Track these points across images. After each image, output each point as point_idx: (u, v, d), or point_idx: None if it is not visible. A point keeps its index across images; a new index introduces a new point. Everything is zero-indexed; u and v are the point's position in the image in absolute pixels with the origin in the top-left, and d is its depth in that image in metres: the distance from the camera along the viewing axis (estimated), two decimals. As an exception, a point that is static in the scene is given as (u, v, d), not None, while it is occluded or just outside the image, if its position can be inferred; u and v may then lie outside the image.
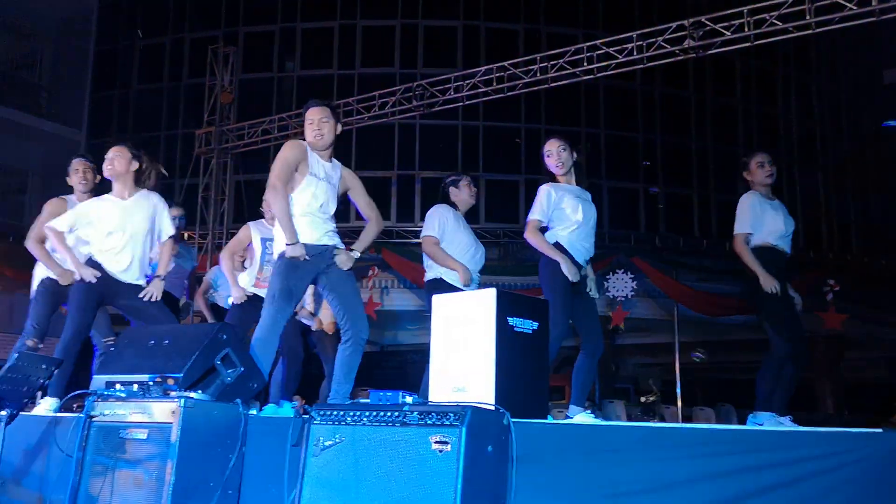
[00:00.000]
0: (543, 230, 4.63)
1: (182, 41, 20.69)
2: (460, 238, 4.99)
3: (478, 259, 5.05)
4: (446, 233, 4.95)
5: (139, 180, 4.88)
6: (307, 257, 4.04)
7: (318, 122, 4.24)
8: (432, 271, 4.96)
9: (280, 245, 4.10)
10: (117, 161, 4.82)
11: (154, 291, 4.77)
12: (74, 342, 4.62)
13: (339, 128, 4.30)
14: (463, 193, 5.18)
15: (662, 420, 12.27)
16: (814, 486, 2.40)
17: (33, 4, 17.01)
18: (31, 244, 5.13)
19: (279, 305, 4.06)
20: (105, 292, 4.68)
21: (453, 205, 5.13)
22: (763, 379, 4.48)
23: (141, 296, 4.73)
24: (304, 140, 4.27)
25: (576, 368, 4.63)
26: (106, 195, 4.85)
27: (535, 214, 4.60)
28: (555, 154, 4.75)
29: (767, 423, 4.26)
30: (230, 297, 6.72)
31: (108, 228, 4.71)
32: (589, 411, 4.51)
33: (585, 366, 4.63)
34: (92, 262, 4.68)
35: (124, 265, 4.72)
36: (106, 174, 4.84)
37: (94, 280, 4.59)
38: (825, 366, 17.95)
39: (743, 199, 4.75)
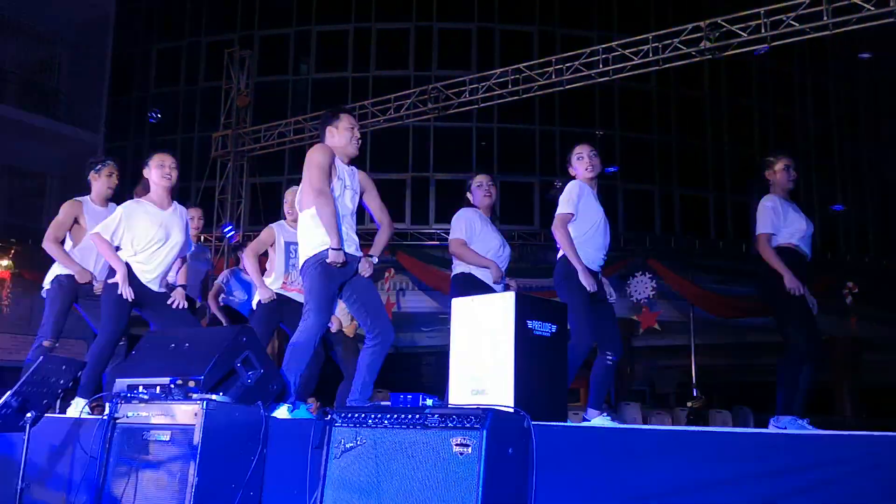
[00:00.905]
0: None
1: (198, 45, 20.83)
2: (488, 238, 5.05)
3: (504, 258, 5.10)
4: (475, 234, 5.01)
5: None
6: (342, 264, 4.03)
7: (357, 130, 4.30)
8: (460, 267, 5.02)
9: (307, 249, 4.10)
10: (175, 172, 4.85)
11: (179, 299, 4.83)
12: (108, 348, 4.67)
13: None
14: (475, 196, 5.22)
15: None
16: (836, 491, 2.39)
17: (52, 10, 17.17)
18: (47, 244, 5.15)
19: (326, 312, 4.08)
20: (137, 301, 4.71)
21: (475, 207, 5.17)
22: (784, 383, 4.45)
23: (168, 303, 4.77)
24: (329, 144, 4.28)
25: (594, 372, 4.63)
26: (145, 203, 4.81)
27: (566, 208, 4.60)
28: (586, 157, 4.79)
29: (790, 426, 4.24)
30: (243, 299, 6.78)
31: (153, 237, 4.72)
32: (606, 414, 4.51)
33: (603, 370, 4.61)
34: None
35: (157, 274, 4.76)
36: (167, 183, 4.80)
37: (131, 297, 4.63)
38: (843, 369, 17.82)
39: (764, 201, 4.71)
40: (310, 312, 4.04)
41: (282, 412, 3.93)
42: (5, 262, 13.37)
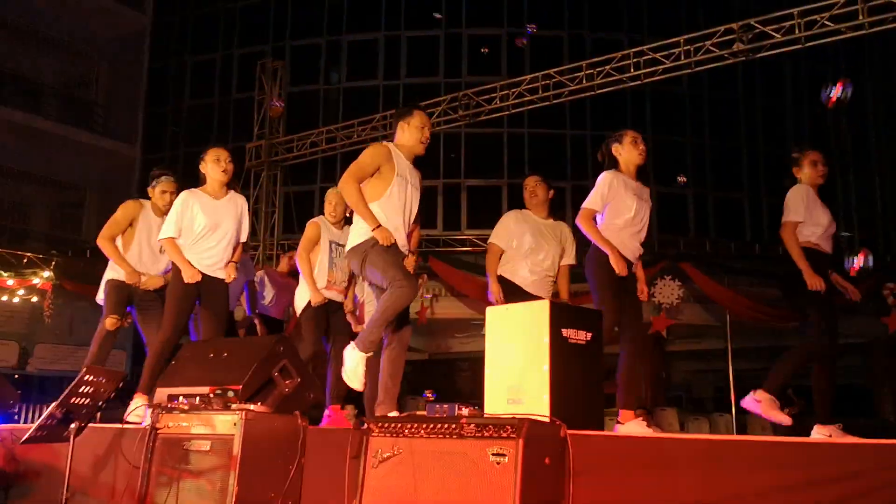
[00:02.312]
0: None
1: (231, 56, 21.09)
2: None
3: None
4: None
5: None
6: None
7: (428, 130, 4.39)
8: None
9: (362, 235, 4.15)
10: (231, 165, 5.02)
11: (232, 273, 4.95)
12: (168, 345, 4.81)
13: None
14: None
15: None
16: (880, 500, 2.36)
17: (90, 25, 17.52)
18: (101, 241, 5.28)
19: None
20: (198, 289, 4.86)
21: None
22: (783, 365, 4.39)
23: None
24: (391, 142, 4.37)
25: (619, 369, 4.53)
26: (199, 193, 4.95)
27: (592, 203, 4.59)
28: (629, 142, 4.84)
29: (764, 402, 4.22)
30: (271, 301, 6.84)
31: (205, 226, 4.86)
32: (642, 419, 4.47)
33: (628, 365, 4.51)
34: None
35: (213, 262, 4.92)
36: (223, 177, 4.95)
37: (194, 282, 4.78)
38: (885, 371, 17.50)
39: (794, 190, 4.64)
40: (393, 282, 4.02)
41: None
42: (46, 274, 13.60)
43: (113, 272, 5.30)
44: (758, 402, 4.22)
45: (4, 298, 13.62)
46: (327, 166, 18.47)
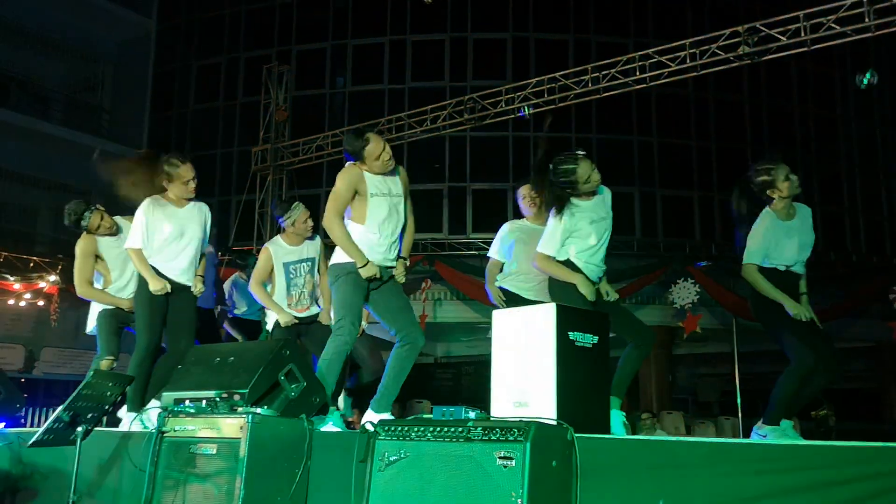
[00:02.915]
0: None
1: (237, 61, 21.13)
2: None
3: None
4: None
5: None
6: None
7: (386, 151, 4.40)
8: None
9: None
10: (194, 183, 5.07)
11: (199, 286, 5.00)
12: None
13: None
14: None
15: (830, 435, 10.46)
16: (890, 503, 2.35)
17: (95, 29, 17.59)
18: (82, 290, 5.33)
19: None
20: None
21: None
22: (781, 390, 4.16)
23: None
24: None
25: (622, 358, 4.45)
26: (163, 201, 4.94)
27: (549, 250, 4.36)
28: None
29: (771, 435, 4.06)
30: (243, 310, 6.82)
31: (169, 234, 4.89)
32: (623, 415, 4.37)
33: (632, 356, 4.45)
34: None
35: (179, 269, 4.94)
36: (190, 195, 4.98)
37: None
38: (891, 375, 17.45)
39: (758, 223, 4.39)
40: (338, 325, 4.30)
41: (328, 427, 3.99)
42: (53, 278, 13.65)
43: (101, 305, 5.30)
44: (764, 437, 4.06)
45: (11, 302, 13.68)
46: (333, 170, 18.48)
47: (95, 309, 5.37)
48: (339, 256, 4.31)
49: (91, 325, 5.42)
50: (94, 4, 17.23)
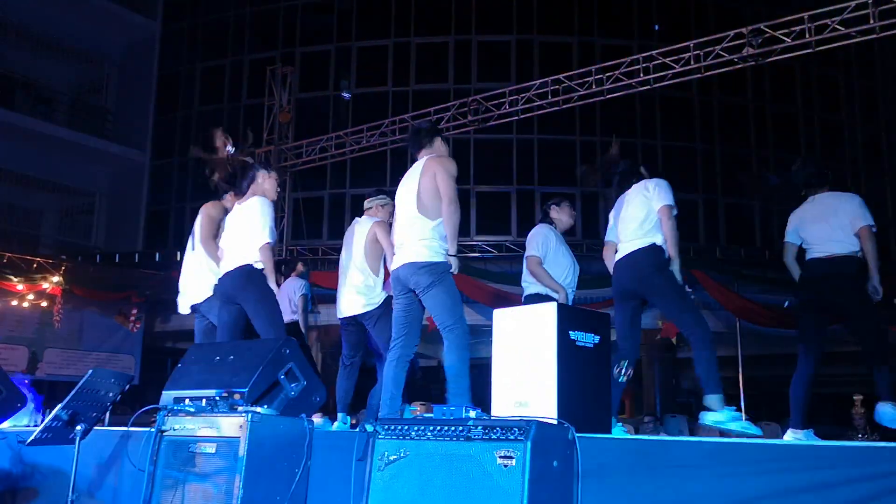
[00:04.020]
0: None
1: (241, 62, 21.15)
2: (560, 258, 5.19)
3: (574, 277, 5.27)
4: (549, 252, 5.14)
5: None
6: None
7: None
8: (534, 287, 5.13)
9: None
10: None
11: None
12: None
13: None
14: (564, 214, 5.35)
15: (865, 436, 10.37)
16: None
17: (100, 32, 17.63)
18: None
19: None
20: None
21: (553, 224, 5.34)
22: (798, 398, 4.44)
23: None
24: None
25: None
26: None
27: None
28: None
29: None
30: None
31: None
32: (620, 425, 4.42)
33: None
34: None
35: None
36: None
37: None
38: None
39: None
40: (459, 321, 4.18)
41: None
42: (56, 279, 13.65)
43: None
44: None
45: (14, 303, 13.67)
46: (336, 172, 18.49)
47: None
48: (435, 254, 4.19)
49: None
50: (98, 7, 17.27)
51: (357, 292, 5.21)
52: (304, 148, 14.42)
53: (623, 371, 4.32)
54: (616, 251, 4.60)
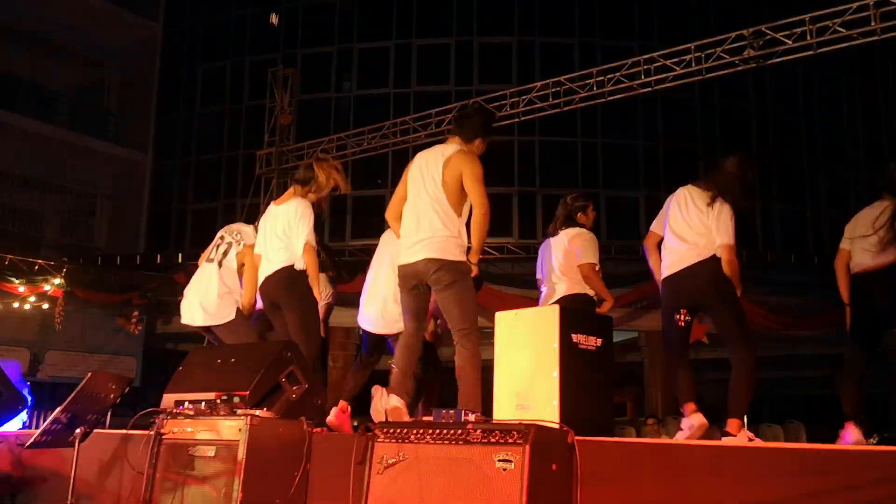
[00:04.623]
0: None
1: (242, 64, 21.16)
2: None
3: None
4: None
5: None
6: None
7: None
8: (565, 286, 5.06)
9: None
10: None
11: None
12: None
13: None
14: (590, 219, 5.39)
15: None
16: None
17: (102, 33, 17.64)
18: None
19: None
20: None
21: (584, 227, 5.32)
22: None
23: None
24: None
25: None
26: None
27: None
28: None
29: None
30: None
31: None
32: None
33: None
34: None
35: None
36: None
37: None
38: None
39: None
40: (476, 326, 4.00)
41: None
42: (58, 281, 13.66)
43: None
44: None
45: (16, 305, 13.68)
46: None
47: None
48: (458, 253, 4.00)
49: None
50: (100, 8, 17.28)
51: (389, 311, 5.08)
52: (306, 150, 14.41)
53: None
54: None
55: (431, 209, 4.02)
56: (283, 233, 4.74)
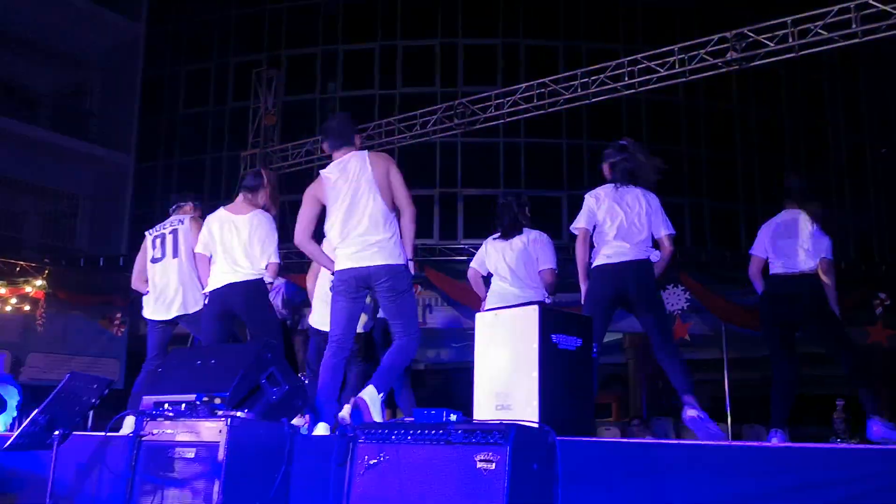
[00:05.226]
0: None
1: (226, 65, 21.08)
2: None
3: None
4: None
5: None
6: None
7: None
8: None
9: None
10: None
11: None
12: None
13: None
14: None
15: None
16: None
17: (84, 34, 17.51)
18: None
19: None
20: None
21: None
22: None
23: None
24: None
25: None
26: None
27: None
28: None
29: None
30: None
31: None
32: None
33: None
34: None
35: None
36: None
37: None
38: (875, 380, 17.43)
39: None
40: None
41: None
42: (39, 282, 13.53)
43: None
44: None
45: (-3, 307, 13.55)
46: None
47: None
48: (403, 257, 4.13)
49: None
50: (83, 9, 17.14)
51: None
52: (290, 151, 14.37)
53: None
54: None
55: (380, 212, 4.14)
56: (249, 244, 4.91)
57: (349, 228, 4.06)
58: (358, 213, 4.05)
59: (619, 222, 4.59)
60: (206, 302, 4.97)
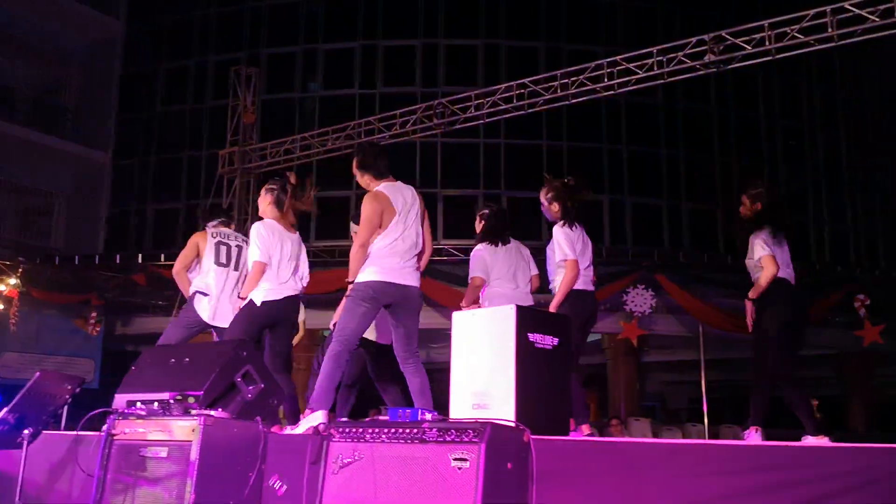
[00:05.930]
0: None
1: (205, 63, 20.93)
2: None
3: None
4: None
5: None
6: None
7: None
8: None
9: None
10: None
11: None
12: None
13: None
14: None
15: None
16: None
17: (62, 31, 17.35)
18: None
19: None
20: None
21: None
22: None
23: None
24: None
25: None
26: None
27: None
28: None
29: None
30: None
31: None
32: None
33: None
34: None
35: None
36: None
37: None
38: (855, 383, 17.64)
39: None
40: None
41: None
42: (13, 281, 13.39)
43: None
44: None
45: (-30, 306, 13.39)
46: (302, 174, 18.34)
47: None
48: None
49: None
50: (61, 5, 16.99)
51: None
52: (269, 150, 14.30)
53: None
54: None
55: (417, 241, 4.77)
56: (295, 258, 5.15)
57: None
58: None
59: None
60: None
